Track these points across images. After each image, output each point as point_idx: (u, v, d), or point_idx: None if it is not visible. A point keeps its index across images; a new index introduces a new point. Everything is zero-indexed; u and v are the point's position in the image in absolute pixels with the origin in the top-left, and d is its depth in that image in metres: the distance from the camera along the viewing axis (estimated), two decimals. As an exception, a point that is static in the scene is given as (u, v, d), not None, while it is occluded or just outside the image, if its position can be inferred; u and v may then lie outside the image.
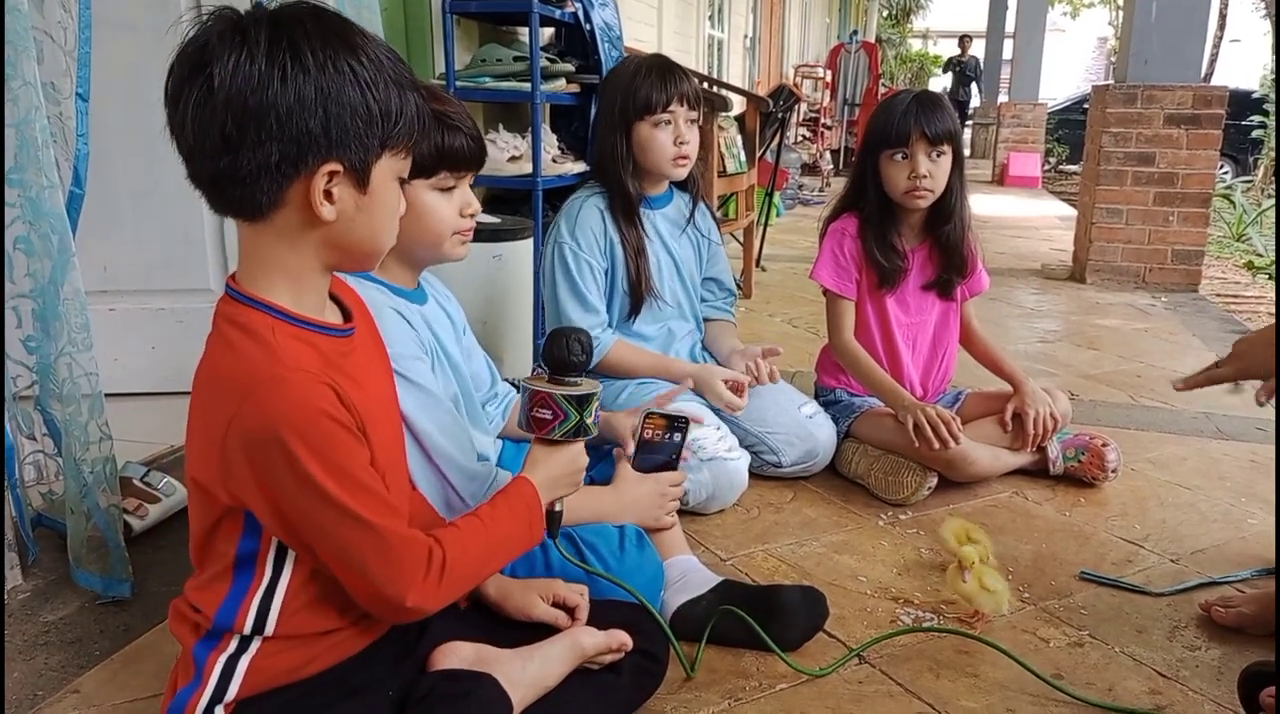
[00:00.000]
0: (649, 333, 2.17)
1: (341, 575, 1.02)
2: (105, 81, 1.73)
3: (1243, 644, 1.53)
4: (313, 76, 0.91)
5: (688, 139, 2.05)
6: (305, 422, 0.94)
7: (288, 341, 0.98)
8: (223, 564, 1.04)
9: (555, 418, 1.20)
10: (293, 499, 0.96)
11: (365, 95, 0.93)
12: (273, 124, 0.90)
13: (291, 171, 0.93)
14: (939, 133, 2.05)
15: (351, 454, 0.98)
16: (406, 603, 1.01)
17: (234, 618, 1.04)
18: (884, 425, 2.13)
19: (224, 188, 0.94)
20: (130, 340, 2.44)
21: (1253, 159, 10.21)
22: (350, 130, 0.93)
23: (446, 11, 2.92)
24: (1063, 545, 1.88)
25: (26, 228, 1.50)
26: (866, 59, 11.00)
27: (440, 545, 1.04)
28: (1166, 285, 4.49)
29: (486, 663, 1.14)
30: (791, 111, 5.70)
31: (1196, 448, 2.42)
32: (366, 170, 0.97)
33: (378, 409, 1.08)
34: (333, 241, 1.00)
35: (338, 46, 0.92)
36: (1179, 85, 4.36)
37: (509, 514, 1.15)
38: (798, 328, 3.72)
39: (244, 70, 0.89)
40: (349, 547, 0.99)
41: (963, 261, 2.20)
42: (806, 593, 1.53)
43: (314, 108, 0.91)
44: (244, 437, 0.93)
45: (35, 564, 1.71)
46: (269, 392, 0.93)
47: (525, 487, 1.18)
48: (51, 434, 1.65)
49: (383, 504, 1.00)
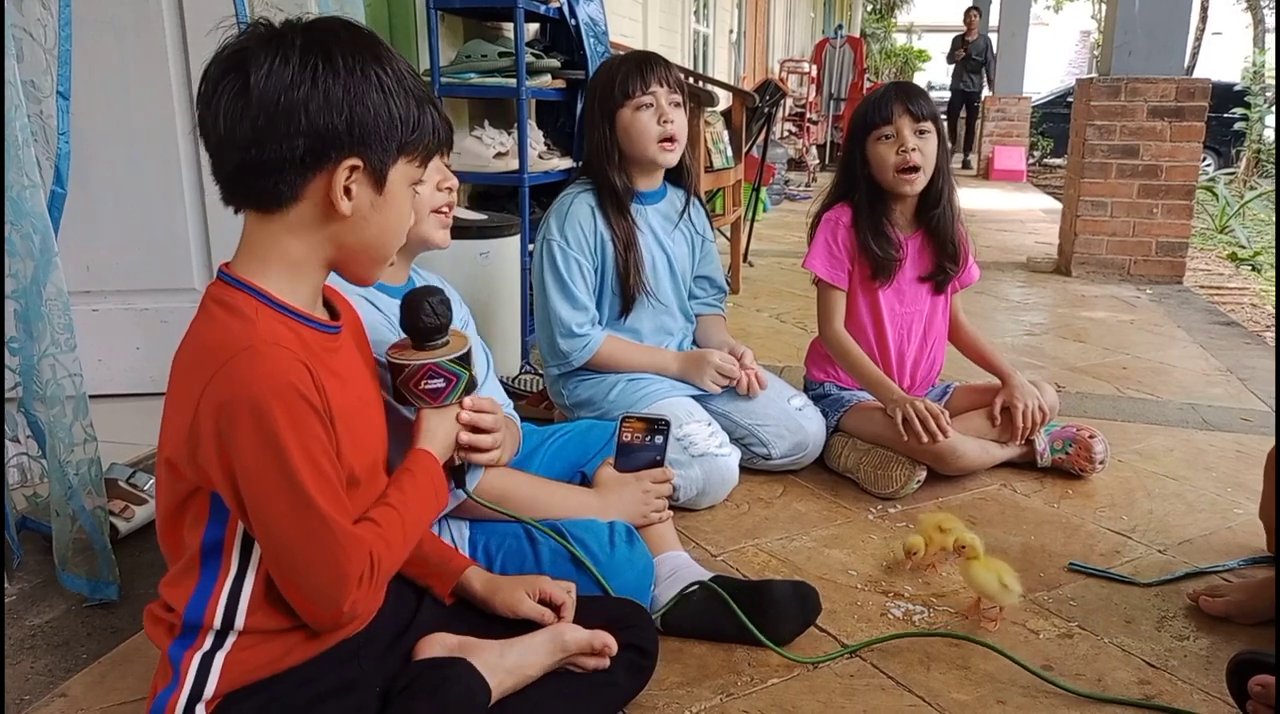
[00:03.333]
0: (641, 328, 2.17)
1: (280, 568, 1.01)
2: (86, 79, 1.71)
3: (1231, 633, 1.54)
4: (341, 79, 0.98)
5: (672, 118, 2.02)
6: (276, 393, 0.95)
7: (269, 322, 1.00)
8: (190, 555, 1.04)
9: (448, 384, 1.21)
10: (251, 474, 0.96)
11: (388, 101, 1.01)
12: (301, 119, 0.96)
13: (315, 164, 0.99)
14: (922, 110, 2.10)
15: (315, 436, 0.99)
16: (343, 605, 1.02)
17: (203, 612, 1.04)
18: (873, 419, 2.14)
19: (248, 179, 0.99)
20: (114, 341, 2.42)
21: (1235, 151, 10.28)
22: (372, 131, 1.00)
23: (430, 7, 2.91)
24: (1051, 537, 1.89)
25: (8, 228, 1.48)
26: (851, 54, 11.02)
27: (372, 548, 1.04)
28: (1151, 277, 4.52)
29: (468, 651, 1.15)
30: (777, 107, 5.70)
31: (1183, 439, 2.44)
32: (384, 171, 1.03)
33: (357, 405, 1.09)
34: (341, 239, 1.04)
35: (366, 56, 1.00)
36: (1162, 78, 4.39)
37: (415, 492, 1.15)
38: (785, 322, 3.72)
39: (278, 72, 0.96)
40: (296, 533, 0.98)
41: (956, 249, 2.21)
42: (798, 588, 1.53)
43: (341, 106, 0.98)
44: (214, 404, 0.95)
45: (20, 567, 1.69)
46: (244, 361, 0.95)
47: (425, 459, 1.19)
48: (35, 436, 1.64)
49: (337, 497, 1.01)
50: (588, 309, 2.06)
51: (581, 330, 2.04)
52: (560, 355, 2.06)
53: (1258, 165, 9.56)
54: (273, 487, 0.96)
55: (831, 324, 2.22)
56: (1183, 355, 3.27)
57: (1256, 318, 4.43)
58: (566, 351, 2.05)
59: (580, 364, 2.07)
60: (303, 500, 0.97)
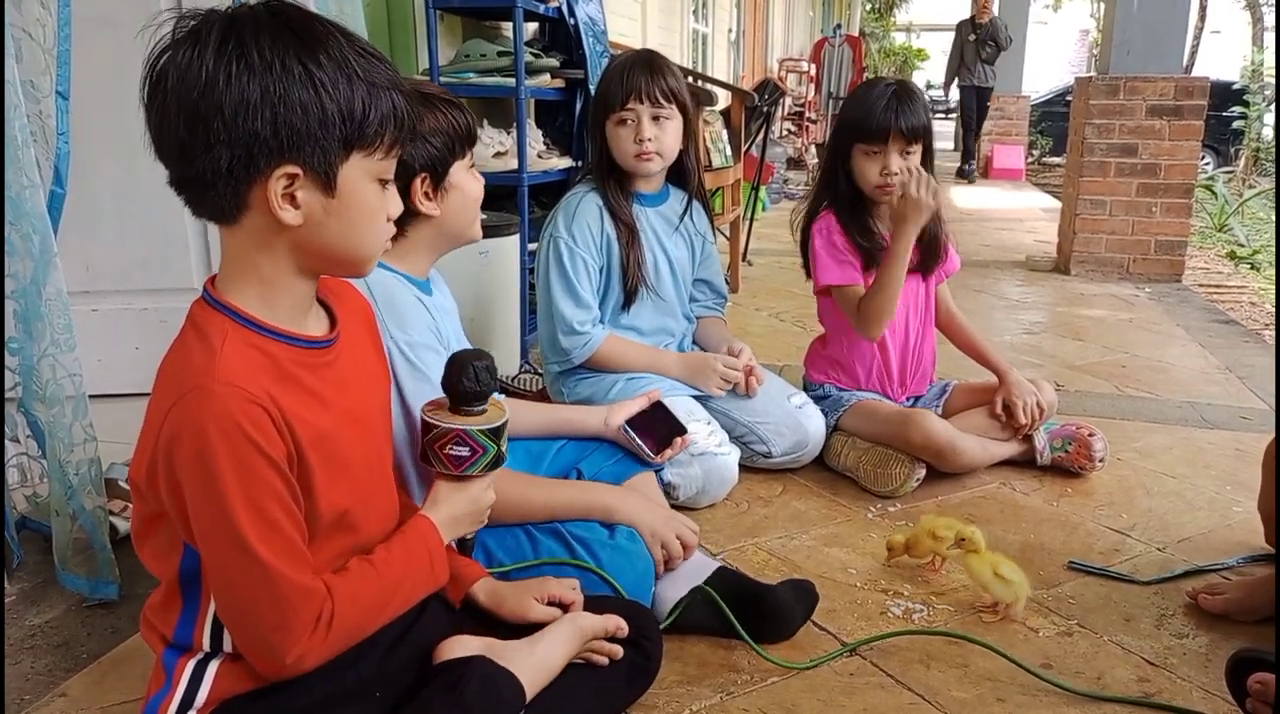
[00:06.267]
0: (642, 327, 2.17)
1: (226, 613, 0.98)
2: (85, 79, 1.71)
3: (1230, 631, 1.55)
4: (258, 76, 0.87)
5: (648, 136, 2.02)
6: (223, 437, 0.90)
7: (237, 349, 0.95)
8: (169, 582, 1.02)
9: (474, 454, 1.14)
10: (199, 515, 0.92)
11: (320, 95, 0.90)
12: (219, 127, 0.88)
13: (245, 175, 0.90)
14: (914, 129, 2.07)
15: (265, 485, 0.93)
16: (287, 658, 0.97)
17: (191, 637, 1.03)
18: (873, 418, 2.14)
19: (191, 192, 0.94)
20: (114, 341, 2.42)
21: (1233, 150, 10.29)
22: (303, 132, 0.90)
23: (430, 7, 2.91)
24: (1050, 535, 1.89)
25: (7, 228, 1.48)
26: (850, 53, 11.01)
27: (330, 597, 0.99)
28: (1150, 276, 4.52)
29: (494, 653, 1.12)
30: (776, 105, 5.70)
31: (1182, 437, 2.44)
32: (331, 173, 0.93)
33: (345, 424, 1.04)
34: (304, 246, 0.97)
35: (291, 45, 0.89)
36: (1161, 76, 4.39)
37: (405, 557, 1.09)
38: (784, 322, 3.72)
39: (193, 70, 0.87)
40: (239, 583, 0.94)
41: (939, 248, 2.22)
42: (797, 588, 1.54)
43: (260, 109, 0.88)
44: (167, 437, 0.91)
45: (20, 567, 1.70)
46: (195, 399, 0.91)
47: (424, 526, 1.12)
48: (35, 436, 1.64)
49: (287, 546, 0.95)
50: (591, 307, 2.07)
51: (583, 328, 2.05)
52: (561, 352, 2.07)
53: (1256, 164, 9.57)
54: (214, 530, 0.92)
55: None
56: (1182, 354, 3.27)
57: (1255, 316, 4.43)
58: (567, 348, 2.06)
59: (580, 361, 2.08)
60: (242, 548, 0.92)
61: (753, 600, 1.50)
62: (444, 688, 1.05)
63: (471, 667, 1.08)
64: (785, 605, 1.51)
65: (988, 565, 1.56)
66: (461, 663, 1.10)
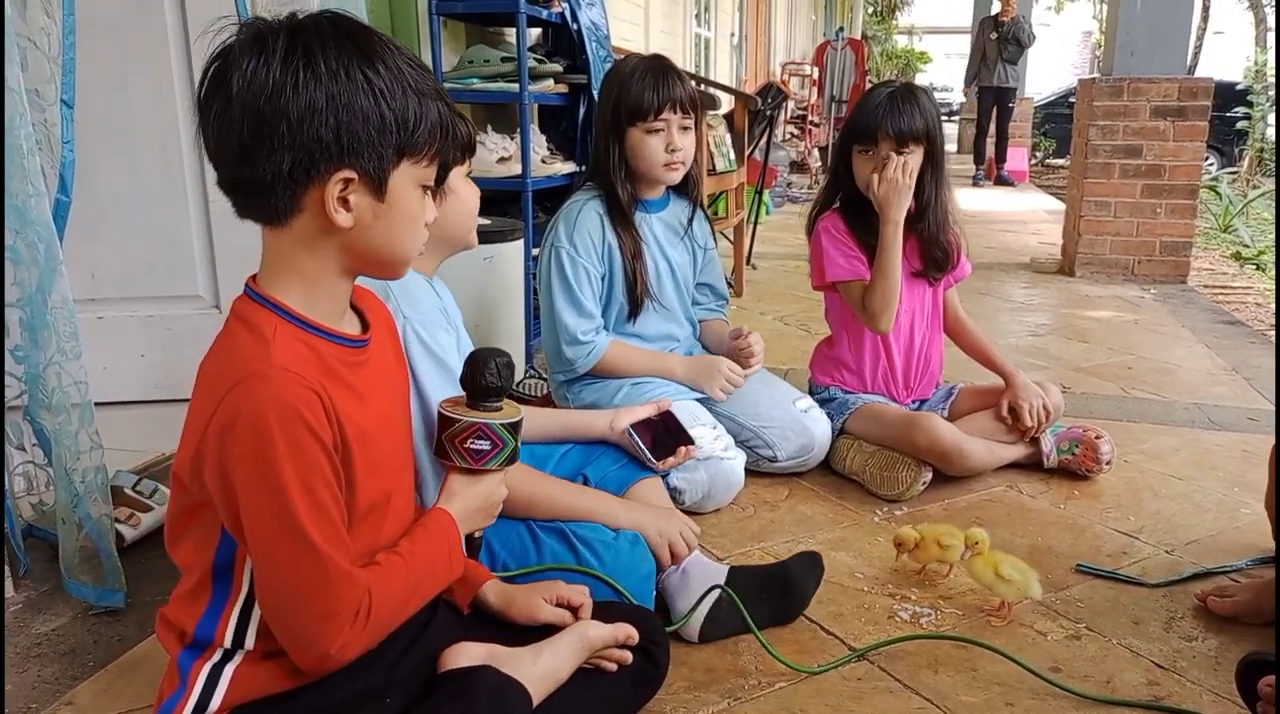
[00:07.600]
0: (646, 335, 2.17)
1: (270, 602, 0.98)
2: (89, 86, 1.71)
3: (1239, 633, 1.54)
4: (324, 84, 0.92)
5: (680, 146, 2.04)
6: (280, 419, 0.92)
7: (287, 341, 0.97)
8: (201, 574, 1.03)
9: (494, 447, 1.16)
10: (250, 500, 0.93)
11: (379, 104, 0.94)
12: (284, 131, 0.91)
13: (305, 178, 0.94)
14: (906, 132, 2.06)
15: (317, 468, 0.95)
16: (331, 648, 0.97)
17: (214, 631, 1.03)
18: (879, 421, 2.13)
19: (244, 194, 0.97)
20: (119, 348, 2.42)
21: (1238, 150, 10.26)
22: (363, 138, 0.94)
23: (433, 12, 2.92)
24: (1058, 538, 1.88)
25: (13, 236, 1.48)
26: (853, 56, 11.00)
27: (369, 589, 1.00)
28: (1155, 277, 4.51)
29: (499, 661, 1.13)
30: (779, 109, 5.70)
31: (1189, 439, 2.43)
32: (383, 178, 0.97)
33: (378, 425, 1.06)
34: (351, 248, 1.00)
35: (354, 55, 0.93)
36: (1165, 77, 4.38)
37: (428, 550, 1.10)
38: (789, 325, 3.72)
39: (259, 77, 0.91)
40: (289, 567, 0.95)
41: (944, 254, 2.20)
42: (807, 560, 1.62)
43: (325, 115, 0.92)
44: (220, 426, 0.93)
45: (27, 575, 1.70)
46: (251, 385, 0.93)
47: (443, 518, 1.14)
48: (41, 444, 1.64)
49: (336, 533, 0.97)
50: (593, 316, 2.06)
51: (586, 337, 2.04)
52: (565, 362, 2.07)
53: (1261, 164, 9.54)
54: (267, 515, 0.93)
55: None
56: (1188, 355, 3.27)
57: (1261, 317, 4.42)
58: (571, 358, 2.05)
59: (585, 370, 2.07)
60: (296, 532, 0.93)
61: (776, 587, 1.55)
62: (451, 696, 1.06)
63: (480, 677, 1.08)
64: (799, 577, 1.58)
65: (989, 566, 1.56)
66: (468, 672, 1.10)
